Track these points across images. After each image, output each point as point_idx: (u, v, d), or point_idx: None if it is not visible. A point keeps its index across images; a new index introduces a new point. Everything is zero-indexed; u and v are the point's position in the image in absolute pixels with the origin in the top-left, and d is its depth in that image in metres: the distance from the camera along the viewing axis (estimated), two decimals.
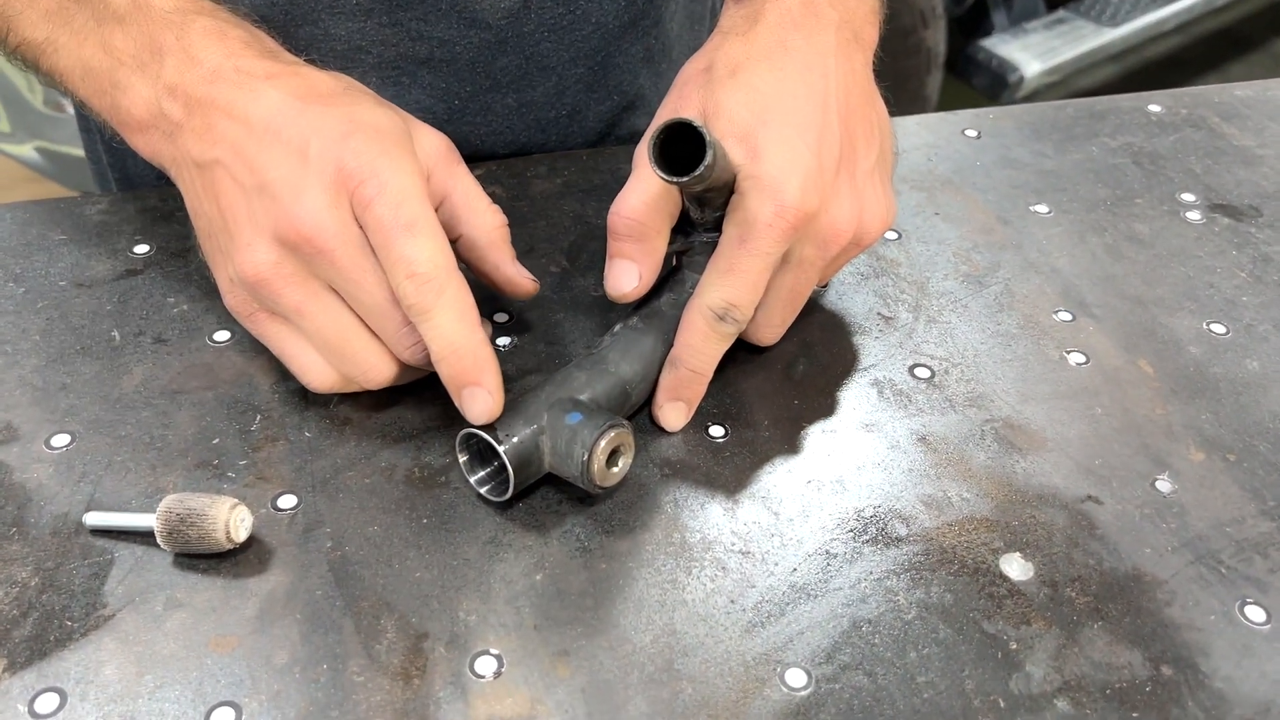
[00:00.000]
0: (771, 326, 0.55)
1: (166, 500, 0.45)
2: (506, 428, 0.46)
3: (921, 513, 0.50)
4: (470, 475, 0.48)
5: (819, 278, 0.54)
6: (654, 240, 0.52)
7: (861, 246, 0.54)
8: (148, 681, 0.41)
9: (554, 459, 0.47)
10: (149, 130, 0.51)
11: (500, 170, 0.69)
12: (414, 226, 0.45)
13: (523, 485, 0.47)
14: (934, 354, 0.58)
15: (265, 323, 0.50)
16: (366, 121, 0.48)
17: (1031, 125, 0.78)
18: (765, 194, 0.49)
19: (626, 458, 0.48)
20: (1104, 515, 0.50)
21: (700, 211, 0.51)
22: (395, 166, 0.46)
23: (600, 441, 0.46)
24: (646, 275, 0.52)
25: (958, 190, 0.71)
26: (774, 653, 0.44)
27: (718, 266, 0.50)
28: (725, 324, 0.51)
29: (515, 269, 0.54)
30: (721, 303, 0.50)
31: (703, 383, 0.52)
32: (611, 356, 0.51)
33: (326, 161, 0.46)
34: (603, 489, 0.47)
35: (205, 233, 0.51)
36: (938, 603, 0.46)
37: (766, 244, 0.49)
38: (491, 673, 0.42)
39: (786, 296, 0.54)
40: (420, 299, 0.45)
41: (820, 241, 0.51)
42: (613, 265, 0.52)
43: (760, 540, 0.48)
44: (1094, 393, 0.57)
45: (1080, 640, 0.45)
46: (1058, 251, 0.66)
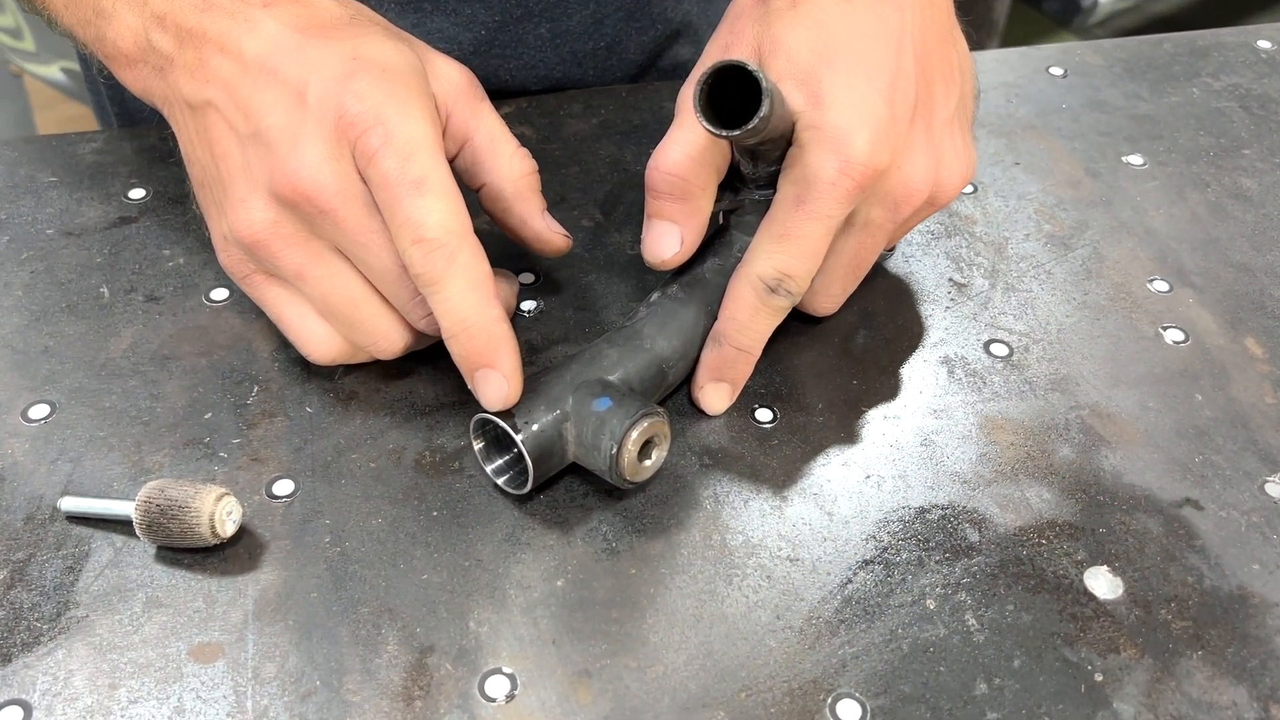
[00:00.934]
0: (830, 296, 0.49)
1: (146, 489, 0.40)
2: (526, 414, 0.41)
3: (996, 516, 0.44)
4: (486, 464, 0.43)
5: (887, 242, 0.47)
6: (698, 199, 0.45)
7: (937, 206, 0.48)
8: (121, 696, 0.37)
9: (579, 449, 0.42)
10: (138, 65, 0.45)
11: (531, 108, 0.62)
12: (423, 183, 0.39)
13: (543, 478, 0.42)
14: (1012, 328, 0.52)
15: (262, 286, 0.44)
16: (373, 58, 0.41)
17: (1124, 63, 0.70)
18: (828, 147, 0.42)
19: (661, 450, 0.42)
20: (1205, 523, 0.44)
21: (753, 166, 0.45)
22: (403, 112, 0.40)
23: (631, 432, 0.40)
24: (689, 239, 0.46)
25: (1041, 136, 0.63)
26: (824, 679, 0.39)
27: (771, 231, 0.44)
28: (777, 297, 0.45)
29: (545, 223, 0.48)
30: (774, 272, 0.44)
31: (749, 362, 0.46)
32: (647, 330, 0.45)
33: (326, 106, 0.40)
34: (634, 484, 0.42)
35: (199, 182, 0.45)
36: (1013, 624, 0.41)
37: (828, 205, 0.43)
38: (504, 695, 0.38)
39: (849, 263, 0.47)
40: (428, 267, 0.39)
41: (891, 202, 0.45)
42: (651, 227, 0.46)
43: (811, 545, 0.43)
44: (1194, 376, 0.50)
45: (1176, 672, 0.39)
46: (1153, 210, 0.59)
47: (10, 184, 0.56)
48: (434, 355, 0.48)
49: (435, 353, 0.48)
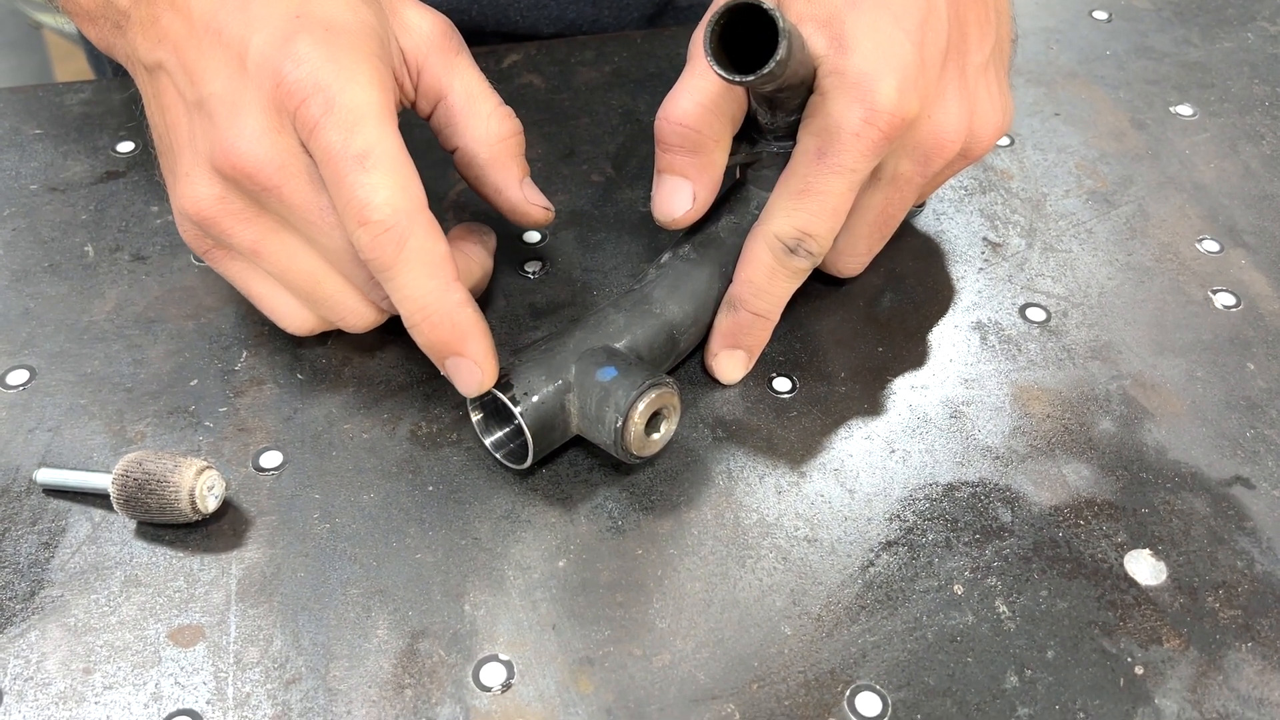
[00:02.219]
0: (855, 256, 0.46)
1: (124, 461, 0.38)
2: (525, 384, 0.38)
3: (1030, 493, 0.41)
4: (485, 437, 0.41)
5: (916, 197, 0.44)
6: (711, 151, 0.42)
7: (970, 159, 0.44)
8: (95, 680, 0.35)
9: (583, 422, 0.39)
10: (98, 20, 0.42)
11: (540, 55, 0.59)
12: (367, 157, 0.36)
13: (544, 452, 0.39)
14: (1050, 291, 0.48)
15: (224, 261, 0.41)
16: (318, 15, 0.37)
17: (1173, 6, 0.65)
18: (852, 94, 0.39)
19: (670, 423, 0.39)
20: (1257, 503, 0.41)
21: (770, 115, 0.42)
22: (346, 77, 0.36)
23: (638, 404, 0.38)
24: (702, 195, 0.43)
25: (1083, 85, 0.59)
26: (843, 670, 0.36)
27: (790, 186, 0.41)
28: (796, 258, 0.41)
29: (522, 193, 0.44)
30: (793, 231, 0.41)
31: (767, 328, 0.43)
32: (656, 294, 0.42)
33: (265, 72, 0.37)
34: (640, 459, 0.39)
35: (159, 149, 0.42)
36: (1047, 611, 0.38)
37: (852, 158, 0.39)
38: (499, 684, 0.35)
39: (875, 220, 0.44)
40: (378, 252, 0.36)
41: (921, 154, 0.42)
42: (661, 183, 0.43)
43: (830, 524, 0.40)
44: (1245, 344, 0.47)
45: (1224, 665, 0.37)
46: (1203, 164, 0.55)
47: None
48: None
49: None
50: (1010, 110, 0.45)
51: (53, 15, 1.43)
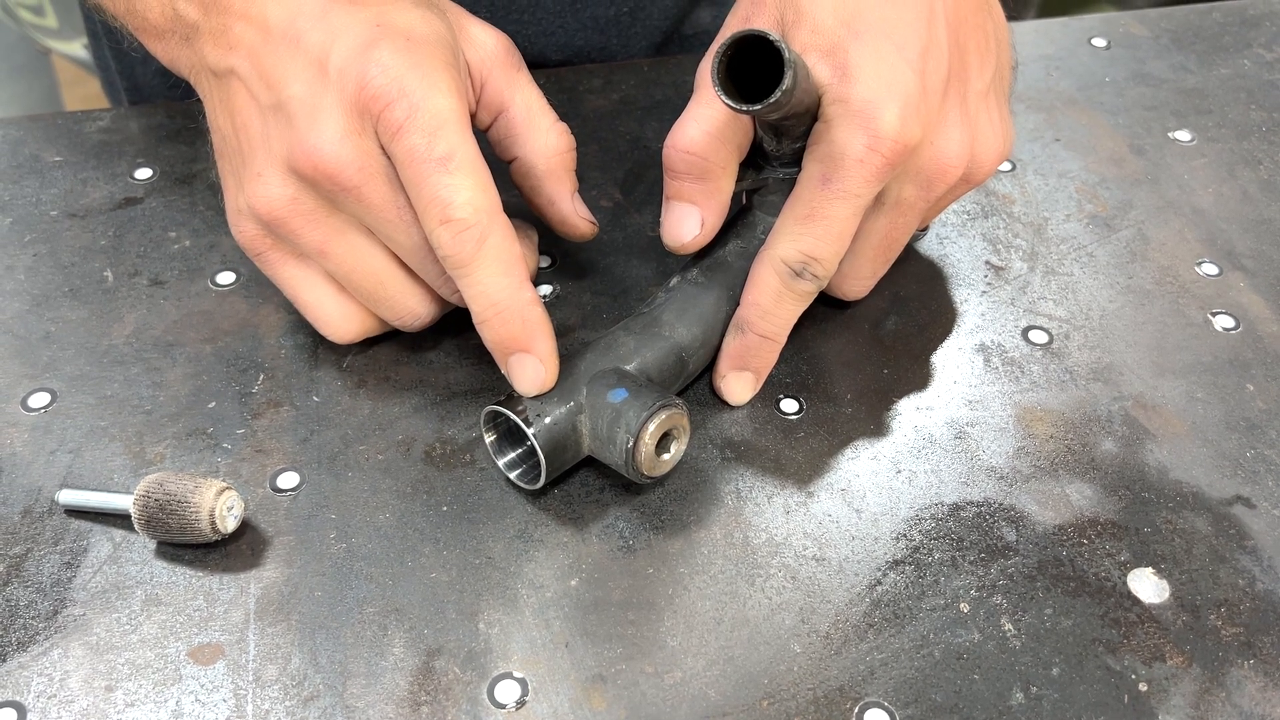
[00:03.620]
0: (859, 279, 0.47)
1: (145, 482, 0.39)
2: (537, 406, 0.39)
3: (1034, 513, 0.42)
4: (498, 458, 0.41)
5: (920, 222, 0.45)
6: (719, 179, 0.43)
7: (972, 184, 0.45)
8: (117, 699, 0.36)
9: (594, 443, 0.40)
10: (166, 36, 0.43)
11: (548, 83, 0.60)
12: (450, 160, 0.38)
13: (557, 473, 0.40)
14: (1052, 314, 0.49)
15: (279, 264, 0.43)
16: (398, 26, 0.39)
17: (1170, 33, 0.67)
18: (856, 122, 0.40)
19: (680, 443, 0.40)
20: (1257, 522, 0.42)
21: (776, 142, 0.43)
22: (429, 84, 0.38)
23: (649, 425, 0.38)
24: (710, 221, 0.44)
25: (1083, 111, 0.60)
26: (851, 687, 0.37)
27: (795, 211, 0.42)
28: (802, 281, 0.42)
29: (573, 205, 0.46)
30: (799, 256, 0.42)
31: (774, 350, 0.44)
32: (666, 317, 0.43)
33: (348, 78, 0.38)
34: (651, 479, 0.40)
35: (219, 151, 0.43)
36: (1051, 629, 0.38)
37: (856, 184, 0.40)
38: (514, 701, 0.36)
39: (879, 244, 0.45)
40: (457, 250, 0.38)
41: (923, 179, 0.42)
42: (670, 209, 0.44)
43: (838, 543, 0.40)
44: (1245, 366, 0.47)
45: (1226, 683, 0.37)
46: (1202, 188, 0.56)
47: (14, 164, 0.54)
48: (445, 341, 0.46)
49: (447, 339, 0.47)
50: (1011, 135, 0.46)
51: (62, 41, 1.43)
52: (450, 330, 0.47)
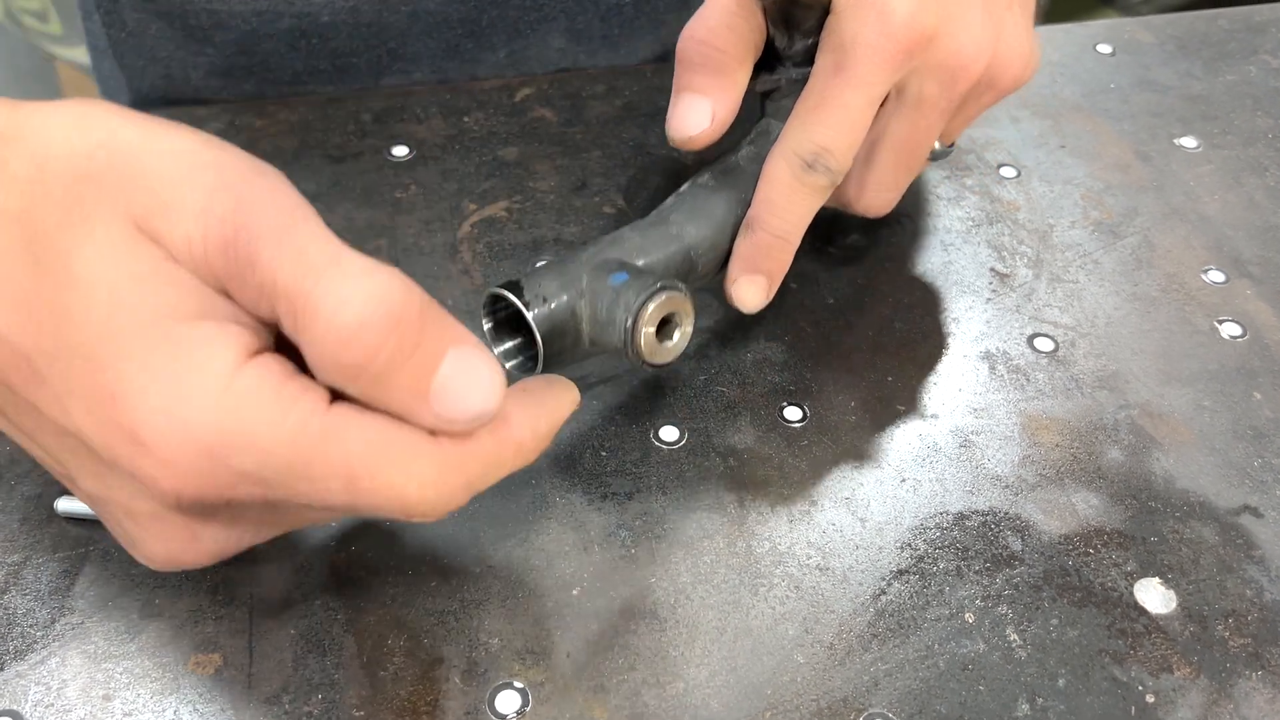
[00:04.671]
0: (882, 189, 0.45)
1: None
2: (536, 288, 0.38)
3: (1040, 522, 0.41)
4: (495, 346, 0.40)
5: (941, 124, 0.43)
6: (732, 71, 0.42)
7: (996, 90, 0.44)
8: (115, 707, 0.35)
9: (593, 329, 0.38)
10: None
11: (552, 89, 0.60)
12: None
13: (556, 362, 0.39)
14: (1058, 321, 0.49)
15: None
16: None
17: (1176, 39, 0.66)
18: (868, 9, 0.39)
19: (683, 330, 0.39)
20: (1265, 532, 0.41)
21: (788, 38, 0.42)
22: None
23: (648, 306, 0.37)
24: (721, 114, 0.42)
25: (1088, 118, 0.60)
26: (855, 697, 0.36)
27: (807, 102, 0.41)
28: (815, 174, 0.41)
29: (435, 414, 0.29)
30: (811, 146, 0.41)
31: (788, 251, 0.43)
32: (674, 217, 0.42)
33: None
34: (653, 366, 0.39)
35: None
36: (1057, 640, 0.38)
37: (868, 70, 0.40)
38: (514, 711, 0.36)
39: (900, 148, 0.43)
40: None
41: (944, 74, 0.41)
42: (679, 101, 0.42)
43: (842, 553, 0.40)
44: (1252, 373, 0.47)
45: (1234, 694, 0.37)
46: (1208, 195, 0.56)
47: None
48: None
49: None
50: (1037, 51, 0.44)
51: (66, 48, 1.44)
52: None
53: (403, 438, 0.29)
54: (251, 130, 0.57)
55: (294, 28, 0.59)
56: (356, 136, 0.56)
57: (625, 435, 0.43)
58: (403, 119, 0.57)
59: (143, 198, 0.28)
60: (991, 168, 0.57)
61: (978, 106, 0.45)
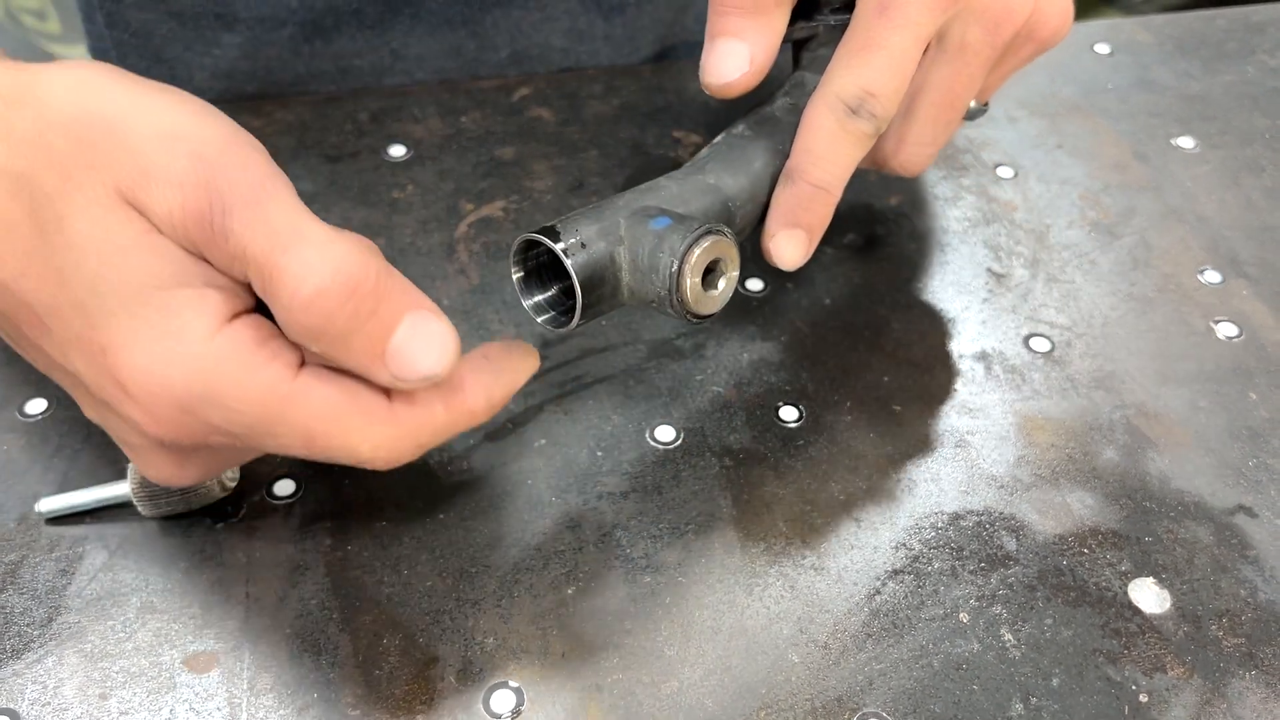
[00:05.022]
0: (921, 144, 0.43)
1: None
2: (573, 234, 0.35)
3: (1034, 522, 0.41)
4: (525, 299, 0.37)
5: (983, 78, 0.42)
6: (770, 12, 0.40)
7: (1035, 42, 0.42)
8: (111, 706, 0.35)
9: (633, 278, 0.36)
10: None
11: (549, 88, 0.60)
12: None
13: (593, 312, 0.36)
14: (1054, 321, 0.49)
15: None
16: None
17: (1174, 39, 0.66)
18: None
19: (729, 278, 0.37)
20: (1259, 532, 0.41)
21: None
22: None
23: (694, 249, 0.35)
24: (760, 58, 0.40)
25: (1086, 117, 0.60)
26: (850, 697, 0.36)
27: (851, 44, 0.39)
28: (859, 120, 0.39)
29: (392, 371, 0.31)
30: (855, 90, 0.39)
31: (829, 202, 0.40)
32: (711, 167, 0.39)
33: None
34: (697, 318, 0.36)
35: None
36: (1051, 639, 0.38)
37: (915, 11, 0.38)
38: (509, 710, 0.36)
39: (941, 99, 0.42)
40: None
41: (990, 19, 0.40)
42: (714, 46, 0.40)
43: (837, 553, 0.40)
44: (1248, 374, 0.47)
45: (1228, 694, 0.37)
46: (1205, 196, 0.56)
47: None
48: None
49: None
50: (1071, 8, 0.43)
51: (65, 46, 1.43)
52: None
53: (360, 403, 0.32)
54: (249, 129, 0.57)
55: (296, 34, 0.59)
56: (354, 136, 0.56)
57: (621, 435, 0.44)
58: (400, 119, 0.57)
59: (128, 167, 0.30)
60: (989, 167, 0.57)
61: (1016, 60, 0.43)
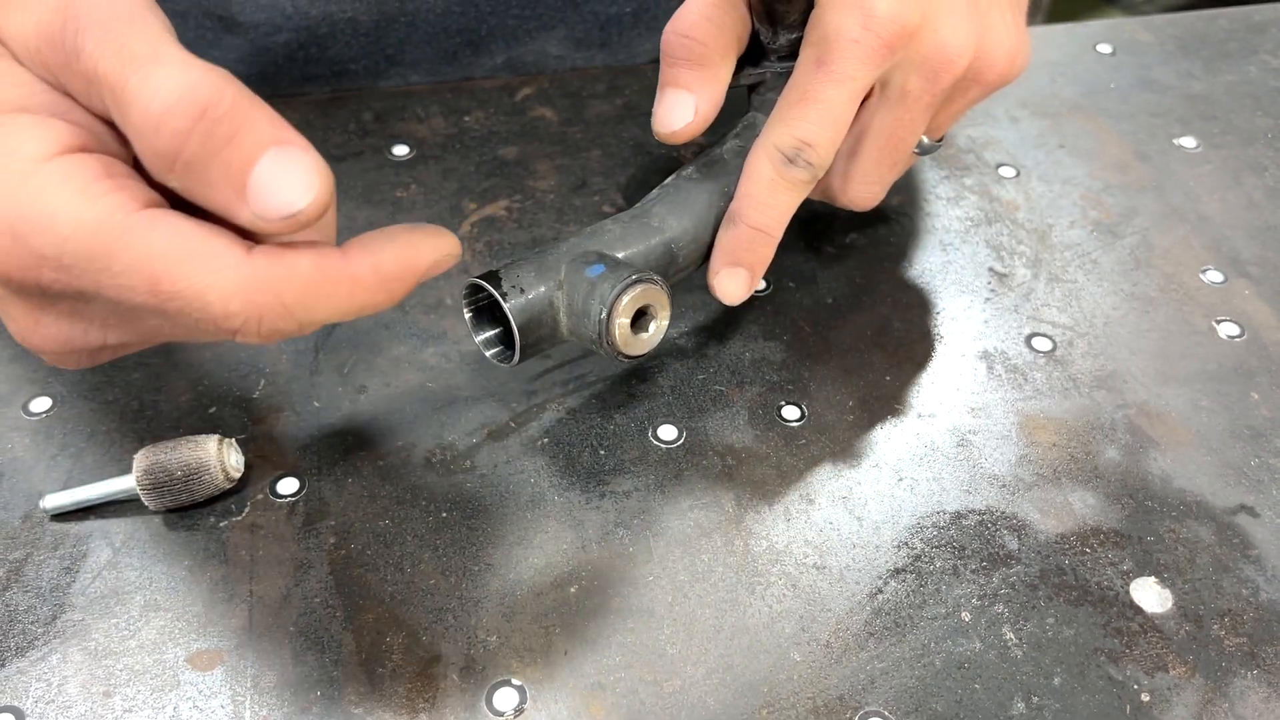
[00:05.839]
0: (868, 184, 0.45)
1: (143, 455, 0.39)
2: (514, 279, 0.39)
3: (1036, 522, 0.41)
4: (476, 334, 0.41)
5: (926, 119, 0.43)
6: (715, 65, 0.42)
7: (983, 85, 0.43)
8: (115, 704, 0.36)
9: (570, 319, 0.39)
10: None
11: (552, 88, 0.60)
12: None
13: (533, 351, 0.40)
14: (1056, 321, 0.49)
15: None
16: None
17: (1176, 39, 0.66)
18: (850, 5, 0.39)
19: (659, 322, 0.40)
20: (1261, 531, 0.42)
21: (772, 32, 0.43)
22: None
23: (623, 297, 0.38)
24: (704, 108, 0.42)
25: (1087, 117, 0.60)
26: (851, 696, 0.36)
27: (789, 97, 0.41)
28: (796, 168, 0.41)
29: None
30: (792, 140, 0.41)
31: (768, 244, 0.43)
32: (656, 210, 0.42)
33: None
34: (628, 358, 0.39)
35: None
36: (1053, 639, 0.38)
37: (851, 65, 0.40)
38: (512, 708, 0.36)
39: (884, 143, 0.43)
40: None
41: (927, 69, 0.41)
42: (664, 96, 0.43)
43: (839, 552, 0.40)
44: (1249, 374, 0.47)
45: (1229, 693, 0.37)
46: (1207, 195, 0.56)
47: None
48: (446, 347, 0.46)
49: (447, 344, 0.46)
50: (1027, 44, 0.44)
51: None
52: (450, 336, 0.47)
53: (210, 242, 0.29)
54: None
55: (292, 40, 0.59)
56: (357, 136, 0.57)
57: (623, 434, 0.44)
58: (403, 118, 0.58)
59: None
60: (990, 167, 0.57)
61: (964, 102, 0.45)
